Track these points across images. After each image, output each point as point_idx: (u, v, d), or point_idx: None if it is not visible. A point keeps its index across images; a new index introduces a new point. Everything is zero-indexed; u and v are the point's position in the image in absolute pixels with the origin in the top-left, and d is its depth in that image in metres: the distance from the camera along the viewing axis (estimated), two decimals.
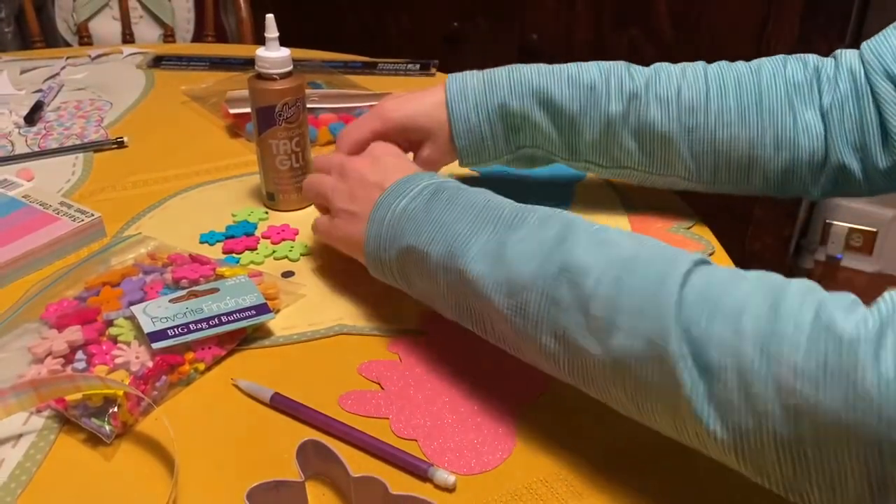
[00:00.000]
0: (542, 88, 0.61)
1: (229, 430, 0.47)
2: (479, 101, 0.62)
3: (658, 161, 0.63)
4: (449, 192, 0.49)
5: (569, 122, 0.62)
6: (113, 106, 0.94)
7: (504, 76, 0.62)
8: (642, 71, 0.62)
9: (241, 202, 0.72)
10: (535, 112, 0.62)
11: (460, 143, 0.63)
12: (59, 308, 0.55)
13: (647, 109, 0.61)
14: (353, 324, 0.56)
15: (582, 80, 0.61)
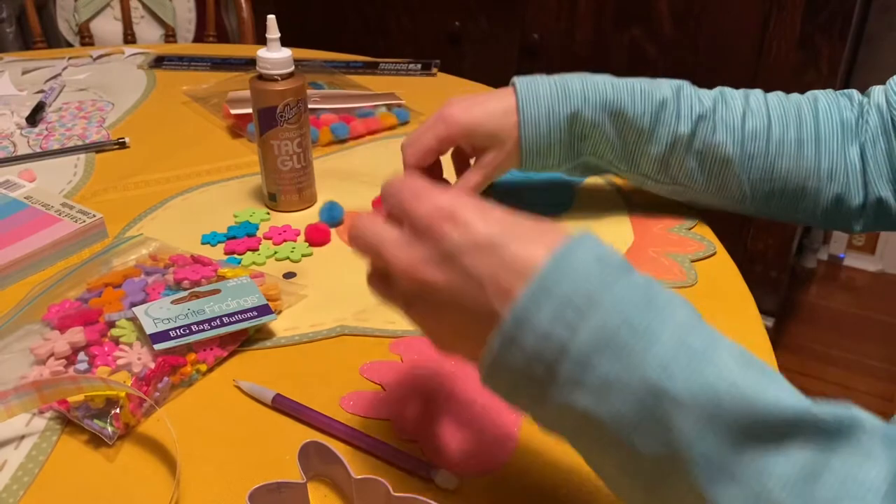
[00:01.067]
0: (615, 101, 0.61)
1: (231, 431, 0.47)
2: (552, 108, 0.61)
3: (715, 182, 0.63)
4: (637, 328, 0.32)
5: (636, 136, 0.62)
6: (114, 106, 0.94)
7: (577, 84, 0.62)
8: (708, 93, 0.64)
9: (242, 203, 0.72)
10: (606, 123, 0.62)
11: (528, 149, 0.62)
12: (61, 309, 0.55)
13: (714, 132, 0.61)
14: (355, 325, 0.56)
15: (654, 97, 0.61)
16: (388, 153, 0.82)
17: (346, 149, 0.83)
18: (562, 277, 0.33)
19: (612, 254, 0.34)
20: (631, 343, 0.32)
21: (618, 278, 0.33)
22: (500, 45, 1.67)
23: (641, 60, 1.53)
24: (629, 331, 0.32)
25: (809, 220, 0.65)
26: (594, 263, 0.33)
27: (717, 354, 0.32)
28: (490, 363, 0.34)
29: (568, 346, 0.32)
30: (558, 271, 0.33)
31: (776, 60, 1.41)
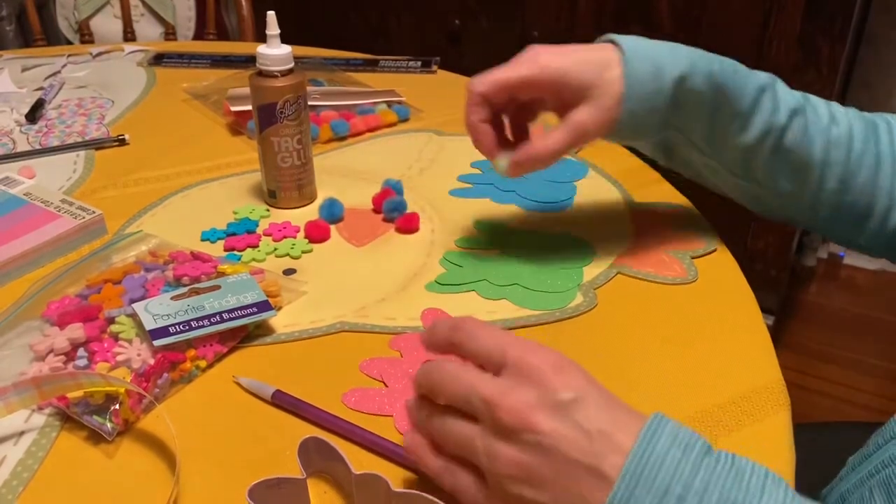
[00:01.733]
0: (721, 73, 0.55)
1: (231, 427, 0.47)
2: (661, 66, 0.53)
3: (793, 185, 0.59)
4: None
5: (730, 118, 0.56)
6: (114, 104, 0.94)
7: (683, 48, 0.55)
8: (795, 92, 0.59)
9: (242, 199, 0.72)
10: (708, 95, 0.55)
11: (629, 109, 0.53)
12: (61, 306, 0.55)
13: (805, 130, 0.57)
14: (355, 321, 0.56)
15: (755, 80, 0.56)
16: (389, 150, 0.82)
17: (347, 146, 0.83)
18: (652, 467, 0.34)
19: (691, 436, 0.35)
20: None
21: (703, 459, 0.34)
22: (500, 43, 1.67)
23: None
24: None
25: (871, 243, 0.61)
26: (678, 449, 0.34)
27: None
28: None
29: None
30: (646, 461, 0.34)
31: (776, 60, 1.41)
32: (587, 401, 0.36)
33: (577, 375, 0.37)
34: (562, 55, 0.53)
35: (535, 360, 0.37)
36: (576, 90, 0.53)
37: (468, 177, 0.76)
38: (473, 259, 0.63)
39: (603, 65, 0.53)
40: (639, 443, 0.34)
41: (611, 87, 0.53)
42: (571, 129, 0.54)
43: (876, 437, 0.52)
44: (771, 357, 0.53)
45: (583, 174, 0.76)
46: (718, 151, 0.58)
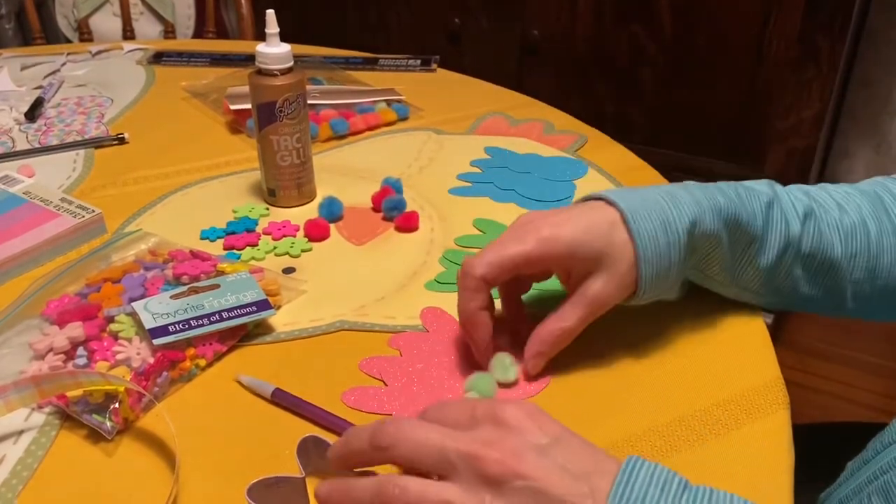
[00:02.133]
0: (727, 206, 0.50)
1: (230, 425, 0.47)
2: (667, 218, 0.48)
3: (819, 289, 0.55)
4: None
5: (746, 245, 0.52)
6: (113, 102, 0.94)
7: (681, 192, 0.50)
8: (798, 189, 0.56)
9: (241, 198, 0.72)
10: (723, 233, 0.50)
11: (647, 271, 0.48)
12: (60, 304, 0.55)
13: (820, 232, 0.53)
14: (355, 320, 0.56)
15: (759, 197, 0.52)
16: (388, 149, 0.82)
17: (346, 144, 0.83)
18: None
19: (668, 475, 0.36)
20: None
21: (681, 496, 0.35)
22: (500, 42, 1.66)
23: (641, 57, 1.53)
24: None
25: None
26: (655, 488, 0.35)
27: None
28: None
29: None
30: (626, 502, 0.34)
31: (776, 57, 1.41)
32: (565, 443, 0.36)
33: (550, 421, 0.38)
34: (564, 225, 0.48)
35: (507, 411, 0.37)
36: (586, 261, 0.48)
37: (468, 175, 0.76)
38: None
39: (609, 229, 0.48)
40: (617, 484, 0.35)
41: (623, 252, 0.48)
42: (588, 302, 0.48)
43: (875, 441, 0.52)
44: (770, 355, 0.53)
45: (582, 173, 0.76)
46: (737, 278, 0.54)
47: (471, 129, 0.86)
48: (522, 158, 0.79)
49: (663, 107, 1.56)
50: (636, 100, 1.58)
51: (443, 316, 0.56)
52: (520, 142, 0.82)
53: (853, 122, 1.78)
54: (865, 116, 1.77)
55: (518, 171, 0.76)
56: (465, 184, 0.75)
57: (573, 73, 1.62)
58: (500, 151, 0.80)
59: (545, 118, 0.88)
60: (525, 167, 0.77)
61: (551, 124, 0.87)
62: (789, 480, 0.44)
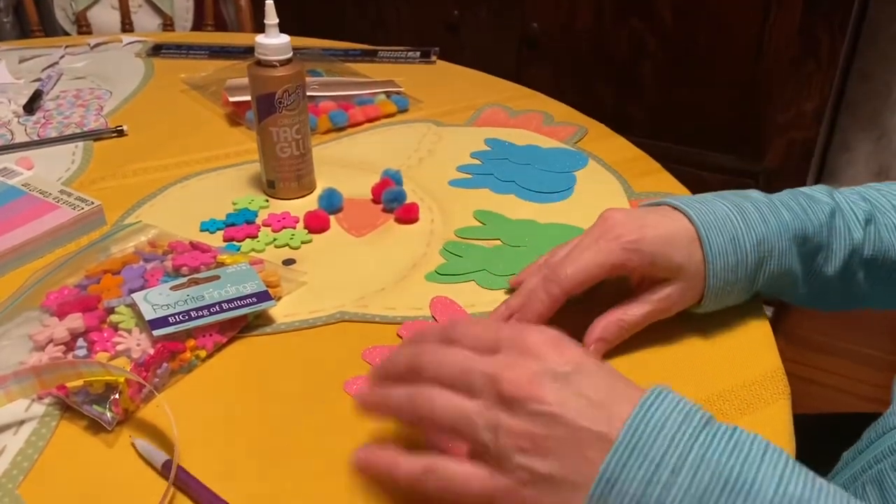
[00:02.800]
0: (793, 220, 0.51)
1: (230, 416, 0.47)
2: (737, 235, 0.49)
3: (885, 289, 0.56)
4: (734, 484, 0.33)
5: (813, 256, 0.52)
6: (112, 95, 0.94)
7: (749, 206, 0.51)
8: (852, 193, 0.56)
9: (241, 190, 0.72)
10: (791, 248, 0.51)
11: (714, 285, 0.49)
12: (60, 296, 0.55)
13: (880, 235, 0.54)
14: (355, 311, 0.56)
15: (822, 207, 0.52)
16: (388, 141, 0.82)
17: (345, 136, 0.83)
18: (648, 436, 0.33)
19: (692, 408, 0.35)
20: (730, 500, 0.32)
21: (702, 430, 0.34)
22: (500, 34, 1.66)
23: (641, 51, 1.53)
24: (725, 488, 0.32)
25: None
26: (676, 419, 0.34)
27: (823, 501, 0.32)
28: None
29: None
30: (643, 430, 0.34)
31: (776, 51, 1.41)
32: (587, 372, 0.36)
33: (575, 349, 0.38)
34: (647, 232, 0.48)
35: (532, 337, 0.37)
36: (665, 270, 0.49)
37: (467, 167, 0.76)
38: (473, 249, 0.63)
39: (687, 243, 0.49)
40: (637, 410, 0.34)
41: (697, 266, 0.49)
42: (657, 305, 0.49)
43: (869, 431, 0.52)
44: (771, 346, 0.53)
45: (582, 164, 0.76)
46: (809, 290, 0.55)
47: (470, 120, 0.86)
48: (522, 150, 0.78)
49: (663, 101, 1.56)
50: (636, 94, 1.58)
51: (451, 305, 0.56)
52: (519, 133, 0.82)
53: (853, 115, 1.78)
54: (865, 110, 1.77)
55: (518, 163, 0.76)
56: (465, 175, 0.75)
57: (572, 67, 1.61)
58: (499, 143, 0.80)
59: (544, 109, 0.88)
60: (525, 159, 0.77)
61: (551, 116, 0.86)
62: None
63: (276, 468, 0.44)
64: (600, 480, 0.33)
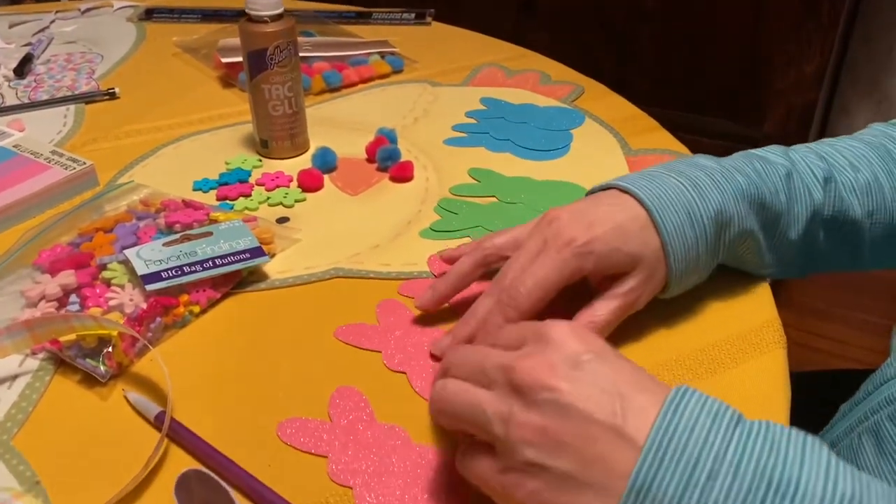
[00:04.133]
0: (748, 186, 0.49)
1: (224, 370, 0.47)
2: (692, 210, 0.46)
3: (845, 249, 0.54)
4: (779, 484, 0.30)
5: (774, 220, 0.50)
6: (104, 59, 0.93)
7: (701, 176, 0.48)
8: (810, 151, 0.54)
9: (234, 150, 0.71)
10: (749, 216, 0.48)
11: (676, 267, 0.46)
12: (52, 254, 0.55)
13: (839, 192, 0.52)
14: (350, 267, 0.56)
15: (777, 170, 0.50)
16: (382, 101, 0.81)
17: (339, 97, 0.82)
18: (679, 438, 0.31)
19: (721, 406, 0.33)
20: (774, 500, 0.30)
21: (735, 429, 0.32)
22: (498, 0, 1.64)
23: (640, 14, 1.51)
24: (770, 489, 0.30)
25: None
26: (706, 419, 0.32)
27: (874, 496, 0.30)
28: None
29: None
30: (673, 432, 0.31)
31: (776, 11, 1.39)
32: (606, 361, 0.34)
33: (594, 339, 0.36)
34: (596, 229, 0.45)
35: (554, 329, 0.35)
36: (621, 266, 0.46)
37: (463, 126, 0.75)
38: (468, 206, 0.63)
39: (640, 230, 0.46)
40: (665, 409, 0.32)
41: (656, 253, 0.46)
42: (622, 300, 0.46)
43: (867, 383, 0.52)
44: (767, 298, 0.52)
45: (579, 122, 0.75)
46: (774, 255, 0.52)
47: (466, 80, 0.85)
48: (518, 109, 0.78)
49: (662, 65, 1.54)
50: (634, 57, 1.56)
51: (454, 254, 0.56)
52: (516, 92, 0.81)
53: (854, 79, 1.76)
54: (866, 73, 1.75)
55: (514, 122, 0.75)
56: (461, 134, 0.74)
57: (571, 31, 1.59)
58: (495, 102, 0.79)
59: (542, 69, 0.87)
60: (521, 117, 0.76)
61: (548, 75, 0.85)
62: (786, 415, 0.44)
63: (268, 419, 0.43)
64: (631, 491, 0.31)
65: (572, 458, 0.32)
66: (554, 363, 0.34)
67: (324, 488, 0.39)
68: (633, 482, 0.31)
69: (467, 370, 0.36)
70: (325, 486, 0.40)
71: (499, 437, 0.34)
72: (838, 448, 0.51)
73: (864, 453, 0.47)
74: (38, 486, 0.40)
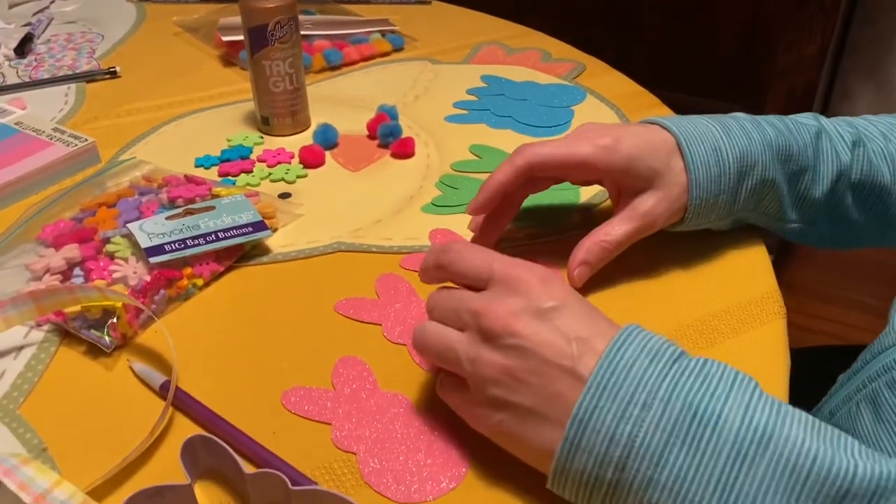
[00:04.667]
0: (777, 137, 0.50)
1: (229, 342, 0.47)
2: (719, 146, 0.48)
3: (872, 215, 0.55)
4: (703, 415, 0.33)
5: (799, 176, 0.51)
6: (104, 38, 0.93)
7: (731, 122, 0.50)
8: (841, 122, 0.55)
9: (235, 128, 0.72)
10: (774, 164, 0.50)
11: (697, 196, 0.48)
12: (56, 229, 0.55)
13: (869, 158, 0.53)
14: (352, 241, 0.56)
15: (807, 128, 0.52)
16: (383, 78, 0.81)
17: (340, 75, 0.82)
18: (618, 375, 0.34)
19: (662, 344, 0.35)
20: (699, 433, 0.32)
21: (671, 366, 0.34)
22: None
23: None
24: (695, 420, 0.33)
25: None
26: (646, 357, 0.34)
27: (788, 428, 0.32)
28: (557, 468, 0.35)
29: (635, 442, 0.33)
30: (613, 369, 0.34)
31: None
32: (568, 309, 0.37)
33: (561, 287, 0.38)
34: (625, 138, 0.48)
35: (521, 273, 0.38)
36: (641, 178, 0.48)
37: (464, 103, 0.75)
38: (470, 182, 0.63)
39: (667, 149, 0.48)
40: (608, 350, 0.35)
41: (678, 176, 0.48)
42: (638, 218, 0.48)
43: (865, 353, 0.52)
44: (767, 269, 0.53)
45: (580, 99, 0.75)
46: (797, 212, 0.53)
47: (467, 58, 0.85)
48: (519, 86, 0.78)
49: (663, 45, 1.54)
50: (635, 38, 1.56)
51: (452, 237, 0.56)
52: (517, 70, 0.81)
53: (855, 61, 1.76)
54: (868, 56, 1.75)
55: (515, 99, 0.75)
56: (462, 111, 0.74)
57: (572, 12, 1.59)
58: (496, 80, 0.79)
59: (543, 47, 0.87)
60: (522, 94, 0.76)
61: (549, 53, 0.85)
62: (785, 386, 0.44)
63: (273, 389, 0.44)
64: (574, 420, 0.34)
65: (532, 394, 0.35)
66: (518, 311, 0.36)
67: (328, 454, 0.40)
68: (576, 414, 0.34)
69: (444, 312, 0.40)
70: (330, 453, 0.40)
71: (469, 375, 0.37)
72: (836, 417, 0.51)
73: (861, 421, 0.48)
74: (44, 453, 0.40)
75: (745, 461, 0.32)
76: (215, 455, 0.38)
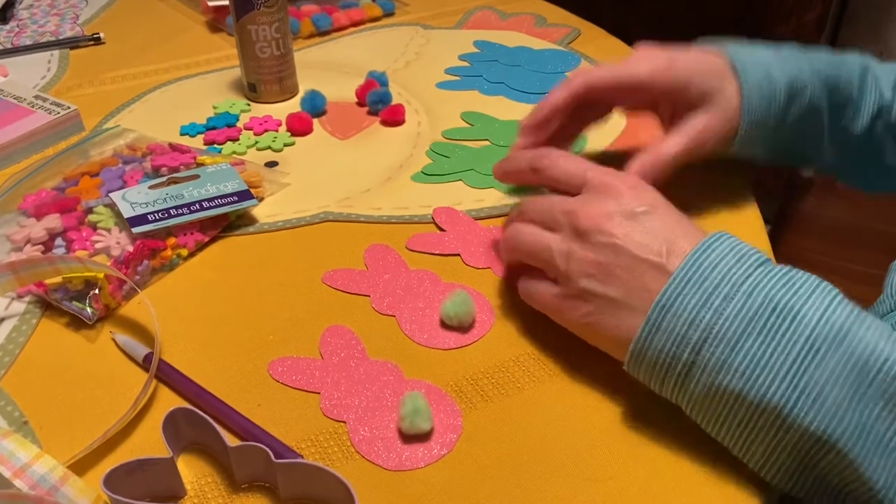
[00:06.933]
0: (826, 66, 0.51)
1: (213, 313, 0.47)
2: (771, 72, 0.49)
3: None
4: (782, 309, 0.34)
5: (843, 108, 0.52)
6: (88, 4, 0.90)
7: (783, 50, 0.51)
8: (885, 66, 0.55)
9: (222, 95, 0.70)
10: (822, 93, 0.50)
11: (749, 120, 0.48)
12: (38, 198, 0.54)
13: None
14: (340, 211, 0.55)
15: (855, 63, 0.52)
16: (373, 44, 0.79)
17: (329, 40, 0.80)
18: (704, 270, 0.36)
19: (749, 250, 0.37)
20: (776, 324, 0.34)
21: (756, 268, 0.36)
22: None
23: None
24: (773, 312, 0.34)
25: None
26: (733, 258, 0.36)
27: (864, 330, 0.33)
28: (635, 349, 0.37)
29: (713, 328, 0.34)
30: (700, 265, 0.36)
31: None
32: (658, 214, 0.39)
33: (651, 194, 0.40)
34: (681, 59, 0.48)
35: (613, 180, 0.41)
36: (696, 98, 0.48)
37: (456, 69, 0.74)
38: (461, 150, 0.61)
39: (722, 69, 0.49)
40: (695, 249, 0.36)
41: (731, 99, 0.48)
42: (693, 135, 0.48)
43: None
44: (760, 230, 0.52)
45: (574, 64, 0.73)
46: (835, 148, 0.54)
47: (459, 23, 0.83)
48: (513, 52, 0.76)
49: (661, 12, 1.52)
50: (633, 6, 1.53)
51: (455, 214, 0.54)
52: (510, 35, 0.80)
53: (855, 29, 1.73)
54: (867, 23, 1.72)
55: (508, 64, 0.73)
56: (454, 77, 0.72)
57: None
58: (489, 45, 0.77)
59: (536, 12, 0.85)
60: (515, 60, 0.74)
61: (543, 18, 0.83)
62: None
63: (258, 360, 0.43)
64: (656, 305, 0.36)
65: (620, 286, 0.38)
66: (610, 212, 0.39)
67: (316, 424, 0.39)
68: (659, 300, 0.36)
69: (537, 214, 0.42)
70: (318, 422, 0.39)
71: (560, 270, 0.40)
72: None
73: None
74: (25, 425, 0.40)
75: (818, 354, 0.33)
76: (198, 428, 0.37)
